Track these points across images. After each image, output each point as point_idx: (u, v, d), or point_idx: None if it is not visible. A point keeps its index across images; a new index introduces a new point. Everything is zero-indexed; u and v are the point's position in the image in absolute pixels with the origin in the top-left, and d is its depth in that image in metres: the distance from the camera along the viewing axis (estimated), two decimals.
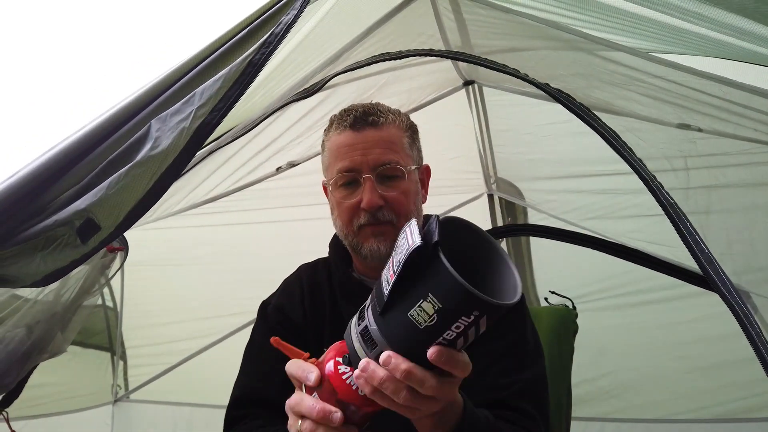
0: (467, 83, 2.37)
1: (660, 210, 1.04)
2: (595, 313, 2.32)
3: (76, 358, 2.43)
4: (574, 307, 1.86)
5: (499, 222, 2.70)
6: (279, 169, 2.25)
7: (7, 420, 1.61)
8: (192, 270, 2.57)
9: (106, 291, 2.56)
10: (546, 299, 1.96)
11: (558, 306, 1.88)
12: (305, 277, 1.36)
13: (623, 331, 2.44)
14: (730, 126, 1.32)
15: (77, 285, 1.67)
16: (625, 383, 2.46)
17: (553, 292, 1.94)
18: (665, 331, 2.38)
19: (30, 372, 1.59)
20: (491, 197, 2.72)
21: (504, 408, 1.09)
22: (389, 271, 0.71)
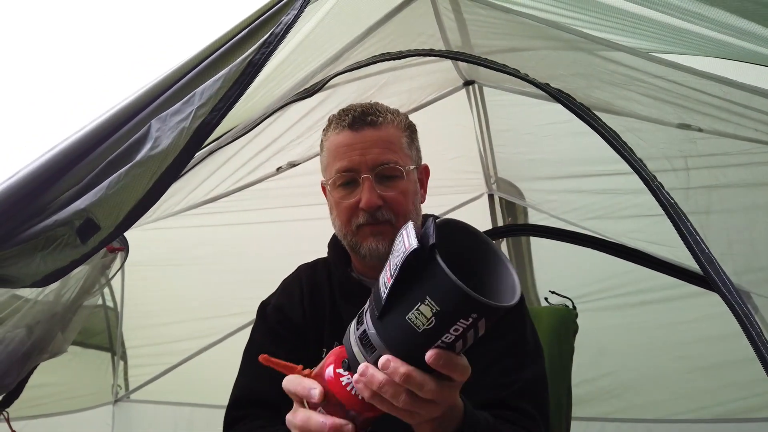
0: (467, 83, 2.37)
1: (660, 210, 1.03)
2: (596, 313, 2.32)
3: (76, 358, 2.43)
4: (574, 307, 1.85)
5: (500, 222, 2.70)
6: (279, 169, 2.25)
7: (8, 420, 1.61)
8: (192, 270, 2.57)
9: (106, 291, 2.56)
10: (546, 299, 1.96)
11: (558, 306, 1.88)
12: (304, 277, 1.36)
13: (623, 331, 2.44)
14: (730, 126, 1.32)
15: (77, 285, 1.67)
16: (626, 383, 2.46)
17: (554, 292, 1.94)
18: (665, 331, 2.38)
19: (30, 372, 1.59)
20: (491, 197, 2.72)
21: (503, 408, 1.09)
22: (386, 275, 0.71)
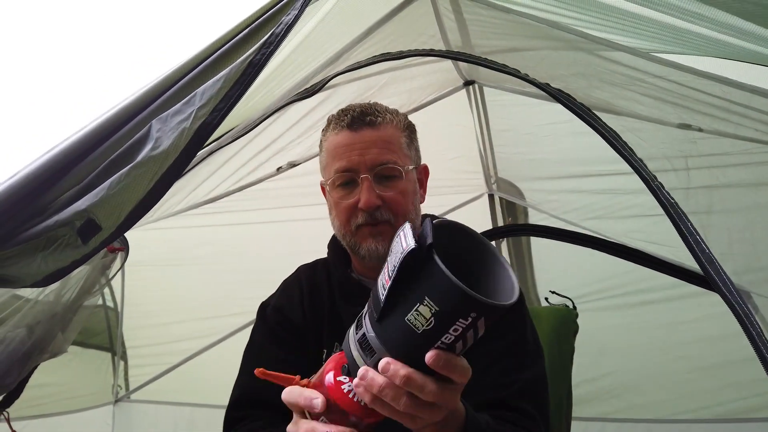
0: (468, 83, 2.37)
1: (660, 210, 1.03)
2: (596, 313, 2.32)
3: (76, 358, 2.43)
4: (574, 307, 1.86)
5: (500, 222, 2.70)
6: (279, 169, 2.25)
7: (8, 420, 1.61)
8: (192, 270, 2.57)
9: (106, 291, 2.56)
10: (546, 299, 1.96)
11: (558, 306, 1.88)
12: (304, 278, 1.36)
13: (624, 331, 2.44)
14: (730, 126, 1.32)
15: (78, 285, 1.67)
16: (626, 383, 2.45)
17: (554, 292, 1.94)
18: (666, 331, 2.38)
19: (31, 372, 1.59)
20: (492, 197, 2.72)
21: (503, 408, 1.09)
22: (384, 276, 0.71)
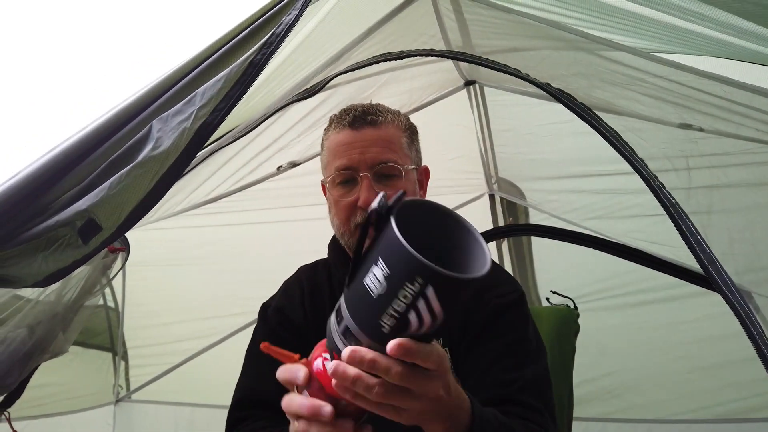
0: (468, 83, 2.36)
1: (661, 210, 1.03)
2: (597, 313, 2.32)
3: (77, 358, 2.43)
4: (575, 307, 1.85)
5: (501, 222, 2.70)
6: (280, 168, 2.25)
7: (9, 420, 1.61)
8: (193, 270, 2.57)
9: (107, 291, 2.56)
10: (547, 299, 1.96)
11: (559, 306, 1.88)
12: (305, 279, 1.36)
13: (624, 331, 2.44)
14: (731, 126, 1.32)
15: (79, 285, 1.68)
16: (627, 383, 2.45)
17: (555, 292, 1.94)
18: (666, 331, 2.38)
19: (32, 372, 1.59)
20: (492, 197, 2.72)
21: (508, 404, 1.09)
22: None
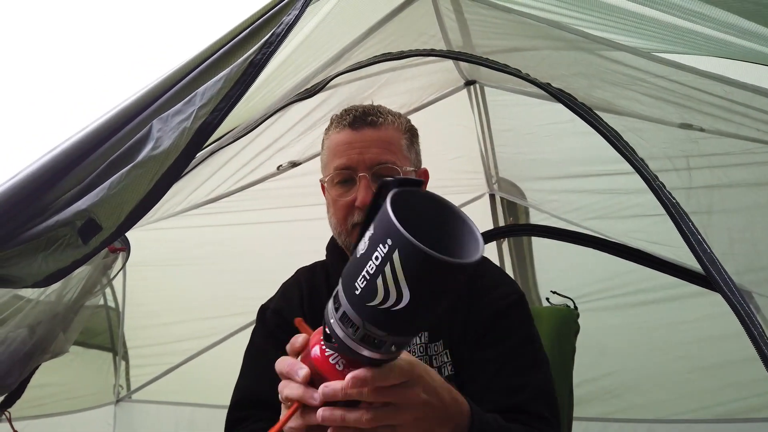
0: (469, 83, 2.36)
1: (662, 210, 1.03)
2: (597, 313, 2.32)
3: (78, 358, 2.43)
4: (575, 307, 1.85)
5: (501, 222, 2.70)
6: (280, 168, 2.25)
7: (10, 420, 1.62)
8: (193, 270, 2.57)
9: (107, 291, 2.56)
10: (547, 299, 1.96)
11: (559, 306, 1.88)
12: (303, 281, 1.37)
13: (625, 331, 2.44)
14: (732, 126, 1.32)
15: (79, 285, 1.68)
16: (627, 383, 2.45)
17: (555, 292, 1.93)
18: (667, 331, 2.38)
19: (32, 372, 1.60)
20: (493, 197, 2.72)
21: (517, 412, 1.09)
22: None
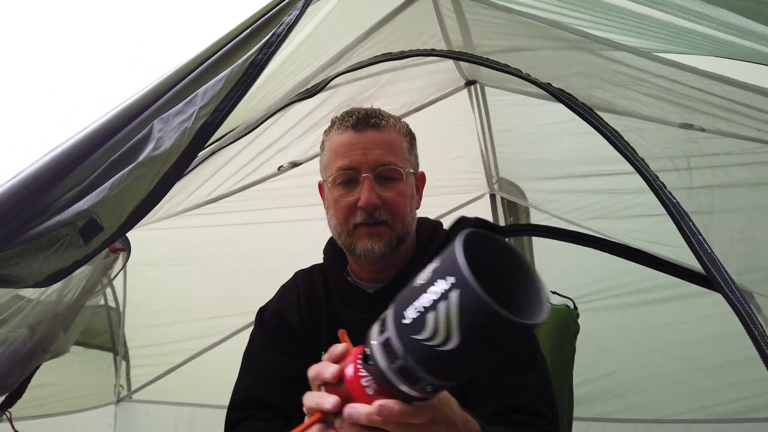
0: (469, 83, 2.36)
1: (662, 210, 1.03)
2: (597, 313, 2.32)
3: (78, 358, 2.43)
4: (575, 307, 1.85)
5: (502, 222, 2.70)
6: (281, 168, 2.25)
7: (10, 420, 1.62)
8: (194, 270, 2.57)
9: (108, 291, 2.56)
10: (547, 299, 1.95)
11: (559, 306, 1.88)
12: (301, 283, 1.38)
13: (625, 331, 2.44)
14: (733, 126, 1.32)
15: (80, 285, 1.68)
16: (627, 383, 2.46)
17: (555, 292, 1.93)
18: (667, 331, 2.38)
19: (33, 372, 1.60)
20: (493, 197, 2.72)
21: (517, 412, 1.09)
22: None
